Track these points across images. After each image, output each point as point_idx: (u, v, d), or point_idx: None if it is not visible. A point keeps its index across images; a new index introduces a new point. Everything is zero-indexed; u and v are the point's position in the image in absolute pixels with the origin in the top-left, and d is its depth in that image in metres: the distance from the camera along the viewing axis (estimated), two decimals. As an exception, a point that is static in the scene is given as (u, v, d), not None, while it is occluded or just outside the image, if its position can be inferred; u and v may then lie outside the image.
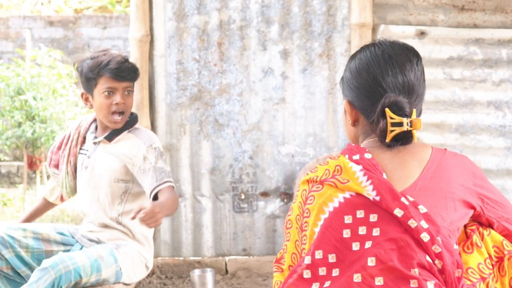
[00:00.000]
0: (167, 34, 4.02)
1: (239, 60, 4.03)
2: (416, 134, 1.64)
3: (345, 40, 4.02)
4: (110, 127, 2.97)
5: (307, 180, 1.67)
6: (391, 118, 1.61)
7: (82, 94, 2.99)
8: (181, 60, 4.03)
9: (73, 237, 3.01)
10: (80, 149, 3.05)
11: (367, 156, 1.63)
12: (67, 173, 3.05)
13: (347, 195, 1.60)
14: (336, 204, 1.59)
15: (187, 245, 4.07)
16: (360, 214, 1.57)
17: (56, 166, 3.12)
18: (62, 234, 2.99)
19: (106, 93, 2.89)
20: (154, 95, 4.03)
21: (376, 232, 1.56)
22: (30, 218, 3.19)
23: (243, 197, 4.07)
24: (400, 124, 1.60)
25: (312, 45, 4.03)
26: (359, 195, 1.59)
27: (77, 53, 9.63)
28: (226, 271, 4.07)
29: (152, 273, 3.98)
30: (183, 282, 3.94)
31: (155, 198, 2.83)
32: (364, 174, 1.59)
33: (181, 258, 4.08)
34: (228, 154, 4.05)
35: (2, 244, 2.83)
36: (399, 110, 1.61)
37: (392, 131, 1.61)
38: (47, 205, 3.26)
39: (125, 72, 2.91)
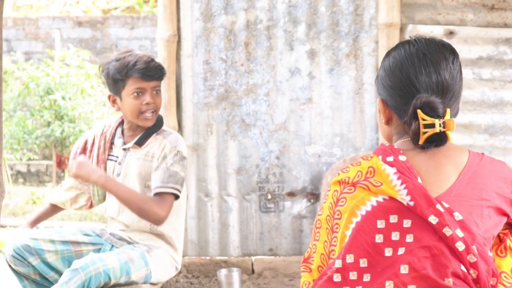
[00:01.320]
0: (194, 34, 4.03)
1: (266, 60, 4.03)
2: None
3: (373, 40, 4.00)
4: (139, 129, 2.95)
5: (339, 181, 1.63)
6: (423, 119, 1.57)
7: (109, 96, 2.95)
8: (208, 60, 4.04)
9: (100, 237, 3.01)
10: (109, 155, 3.01)
11: (402, 158, 1.59)
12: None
13: (380, 198, 1.56)
14: (369, 208, 1.56)
15: (213, 244, 4.08)
16: (393, 219, 1.54)
17: None
18: (88, 235, 2.99)
19: (135, 93, 2.86)
20: (181, 95, 4.05)
21: (409, 238, 1.52)
22: (36, 222, 3.08)
23: (269, 197, 4.07)
24: (432, 126, 1.56)
25: (339, 45, 4.02)
26: (392, 199, 1.55)
27: (105, 53, 9.71)
28: (253, 271, 4.08)
29: (179, 272, 4.00)
30: (209, 282, 3.95)
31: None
32: (398, 178, 1.55)
33: (208, 258, 4.09)
34: (254, 154, 4.05)
35: (28, 252, 2.83)
36: (431, 111, 1.57)
37: (424, 133, 1.57)
38: (55, 210, 3.16)
39: (152, 71, 2.89)
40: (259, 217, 4.08)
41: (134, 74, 2.85)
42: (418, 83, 1.60)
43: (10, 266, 2.86)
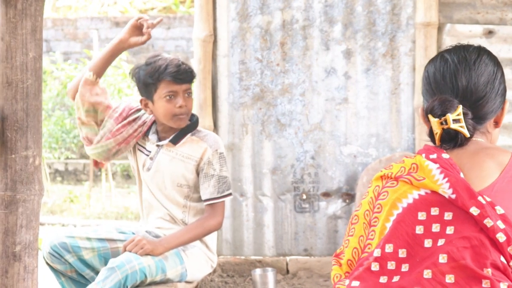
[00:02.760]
0: (230, 34, 4.04)
1: (302, 60, 4.03)
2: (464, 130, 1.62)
3: (410, 39, 3.96)
4: (173, 130, 2.97)
5: (381, 177, 1.67)
6: (431, 121, 1.64)
7: (141, 101, 2.97)
8: (243, 60, 4.05)
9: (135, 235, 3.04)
10: (140, 145, 3.04)
11: (445, 156, 1.62)
12: (113, 143, 2.96)
13: (422, 192, 1.59)
14: (410, 201, 1.59)
15: (248, 244, 4.09)
16: (434, 211, 1.57)
17: (117, 130, 2.99)
18: (123, 233, 3.01)
19: (167, 97, 2.88)
20: (216, 95, 4.07)
21: (450, 230, 1.54)
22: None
23: (304, 197, 4.06)
24: (442, 124, 1.63)
25: (375, 45, 3.99)
26: (434, 193, 1.58)
27: (141, 53, 9.80)
28: (287, 271, 4.07)
29: (214, 271, 4.02)
30: (244, 281, 3.96)
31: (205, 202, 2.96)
32: (441, 172, 1.58)
33: (243, 257, 4.10)
34: (290, 154, 4.05)
35: (65, 249, 2.86)
36: (431, 111, 1.64)
37: (436, 133, 1.63)
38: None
39: (184, 74, 2.90)
40: (294, 217, 4.07)
41: (166, 77, 2.87)
42: (439, 89, 1.67)
43: (47, 263, 2.90)
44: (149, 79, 2.89)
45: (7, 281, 1.93)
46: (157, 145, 2.99)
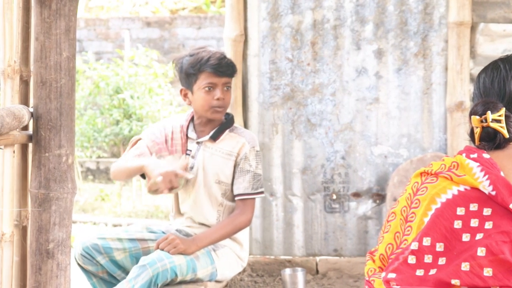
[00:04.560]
0: (261, 34, 4.05)
1: (333, 59, 4.01)
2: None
3: (442, 39, 3.93)
4: (210, 124, 3.00)
5: (421, 173, 1.69)
6: (472, 121, 1.66)
7: (181, 90, 3.02)
8: (274, 59, 4.05)
9: (166, 234, 3.04)
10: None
11: (485, 155, 1.63)
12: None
13: (461, 188, 1.60)
14: (450, 196, 1.60)
15: (278, 244, 4.09)
16: (473, 207, 1.57)
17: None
18: (153, 232, 3.03)
19: (206, 88, 2.93)
20: (247, 95, 4.07)
21: (488, 225, 1.55)
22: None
23: (334, 197, 4.04)
24: (482, 122, 1.64)
25: (407, 44, 3.96)
26: (474, 189, 1.59)
27: (172, 53, 9.86)
28: (317, 271, 4.06)
29: (244, 270, 4.02)
30: (273, 281, 3.95)
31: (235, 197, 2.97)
32: (481, 170, 1.59)
33: (272, 257, 4.10)
34: (320, 154, 4.04)
35: (96, 251, 2.89)
36: (478, 111, 1.65)
37: (476, 132, 1.65)
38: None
39: (224, 67, 2.95)
40: (323, 217, 4.06)
41: (207, 69, 2.92)
42: (486, 93, 1.70)
43: (79, 264, 2.93)
44: (191, 70, 2.93)
45: (40, 278, 1.96)
46: (197, 143, 3.01)
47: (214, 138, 2.98)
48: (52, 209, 1.96)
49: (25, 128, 2.02)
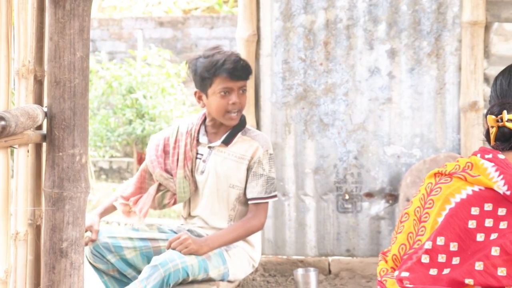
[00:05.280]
0: (273, 34, 4.05)
1: (345, 59, 4.01)
2: None
3: (456, 38, 3.91)
4: (222, 127, 2.96)
5: (435, 174, 1.69)
6: (488, 121, 1.67)
7: (195, 93, 2.95)
8: (287, 59, 4.05)
9: (177, 234, 3.04)
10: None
11: (500, 156, 1.63)
12: (185, 177, 2.97)
13: (476, 188, 1.60)
14: (464, 196, 1.60)
15: (290, 244, 4.09)
16: (488, 207, 1.57)
17: (166, 170, 3.01)
18: (165, 232, 3.03)
19: (222, 93, 2.86)
20: (259, 94, 4.07)
21: (503, 225, 1.54)
22: (104, 213, 3.09)
23: (347, 197, 4.04)
24: (498, 122, 1.65)
25: (420, 44, 3.95)
26: (488, 189, 1.59)
27: (185, 52, 9.87)
28: (329, 271, 4.06)
29: (256, 270, 4.03)
30: (286, 281, 3.95)
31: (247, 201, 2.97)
32: (496, 170, 1.59)
33: (284, 257, 4.10)
34: (332, 154, 4.03)
35: (107, 249, 2.89)
36: (494, 111, 1.67)
37: (491, 132, 1.67)
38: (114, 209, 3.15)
39: (240, 71, 2.88)
40: (336, 217, 4.05)
41: (222, 73, 2.84)
42: (502, 94, 1.71)
43: (90, 262, 2.94)
44: (206, 73, 2.86)
45: (54, 277, 1.97)
46: (209, 147, 2.98)
47: (227, 143, 2.94)
48: (65, 208, 1.97)
49: (39, 127, 2.03)
